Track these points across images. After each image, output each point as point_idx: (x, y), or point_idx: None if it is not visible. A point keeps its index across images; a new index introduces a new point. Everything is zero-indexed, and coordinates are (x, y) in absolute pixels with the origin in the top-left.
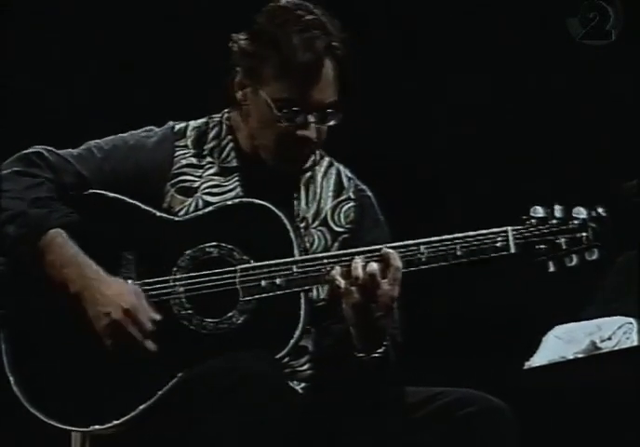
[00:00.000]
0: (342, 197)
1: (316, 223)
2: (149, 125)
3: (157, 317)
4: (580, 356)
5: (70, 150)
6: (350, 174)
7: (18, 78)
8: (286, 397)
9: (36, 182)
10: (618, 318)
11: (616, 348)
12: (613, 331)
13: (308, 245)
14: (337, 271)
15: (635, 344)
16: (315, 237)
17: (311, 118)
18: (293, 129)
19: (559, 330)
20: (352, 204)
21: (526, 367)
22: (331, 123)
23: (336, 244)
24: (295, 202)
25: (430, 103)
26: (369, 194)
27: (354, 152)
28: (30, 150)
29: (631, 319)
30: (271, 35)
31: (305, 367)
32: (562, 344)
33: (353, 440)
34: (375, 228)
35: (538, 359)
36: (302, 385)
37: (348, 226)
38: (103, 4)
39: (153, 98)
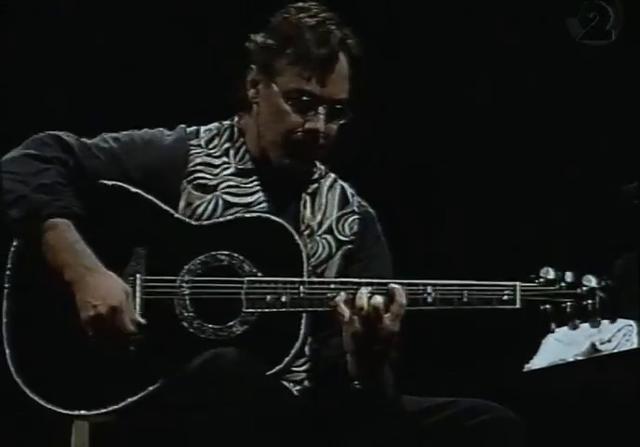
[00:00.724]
0: (347, 210)
1: (321, 230)
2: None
3: (142, 320)
4: (579, 358)
5: (84, 139)
6: (353, 191)
7: (17, 79)
8: (278, 394)
9: (44, 167)
10: (618, 320)
11: (616, 351)
12: (613, 334)
13: (311, 252)
14: (341, 298)
15: (635, 346)
16: (320, 244)
17: (321, 111)
18: (303, 122)
19: (559, 332)
20: (356, 217)
21: (525, 369)
22: (341, 121)
23: (339, 253)
24: (301, 209)
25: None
26: (372, 211)
27: (361, 172)
28: (45, 133)
29: (631, 322)
30: (287, 30)
31: (302, 369)
32: (562, 346)
33: None
34: (375, 245)
35: (537, 362)
36: (297, 388)
37: (352, 237)
38: (103, 4)
39: (156, 104)
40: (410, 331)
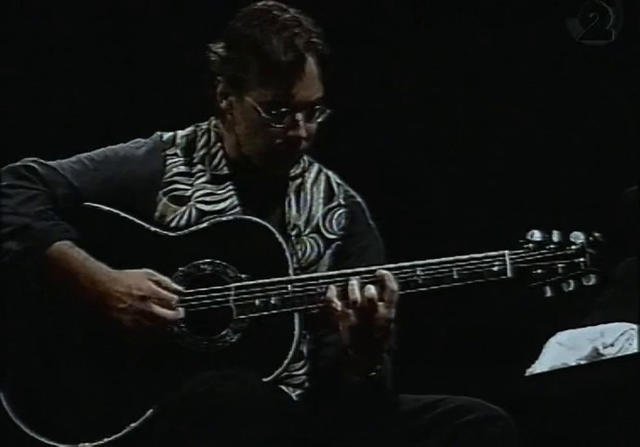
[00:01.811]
0: (333, 204)
1: (308, 230)
2: (133, 136)
3: (178, 287)
4: (582, 362)
5: (59, 161)
6: (339, 180)
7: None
8: (274, 420)
9: (30, 194)
10: (620, 324)
11: (619, 355)
12: (616, 338)
13: (300, 253)
14: (332, 292)
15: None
16: (308, 244)
17: (299, 117)
18: (284, 131)
19: (561, 336)
20: (343, 210)
21: (527, 374)
22: (319, 119)
23: (328, 251)
24: (286, 209)
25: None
26: (359, 200)
27: (344, 159)
28: (18, 163)
29: (633, 326)
30: (249, 40)
31: (302, 371)
32: (564, 350)
33: None
34: (367, 234)
35: (539, 366)
36: (298, 391)
37: (340, 233)
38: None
39: (137, 109)
40: (408, 336)
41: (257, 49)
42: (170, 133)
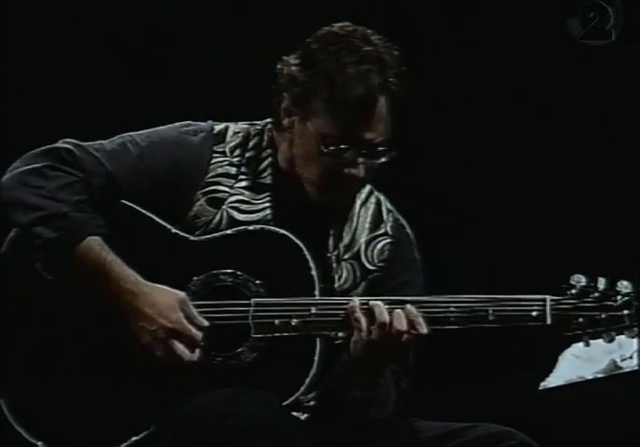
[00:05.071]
0: (379, 232)
1: (348, 255)
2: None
3: (205, 323)
4: (599, 376)
5: (102, 142)
6: (390, 206)
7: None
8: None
9: (70, 180)
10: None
11: (637, 368)
12: (635, 350)
13: (336, 278)
14: (356, 304)
15: None
16: (344, 270)
17: (360, 158)
18: (340, 167)
19: (577, 348)
20: (388, 240)
21: (541, 388)
22: (382, 160)
23: (364, 282)
24: (330, 231)
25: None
26: (408, 231)
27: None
28: (59, 144)
29: None
30: (323, 65)
31: (310, 396)
32: (580, 363)
33: None
34: (409, 269)
35: (554, 380)
36: (306, 415)
37: (380, 265)
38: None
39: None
40: (422, 352)
41: (328, 77)
42: (222, 126)
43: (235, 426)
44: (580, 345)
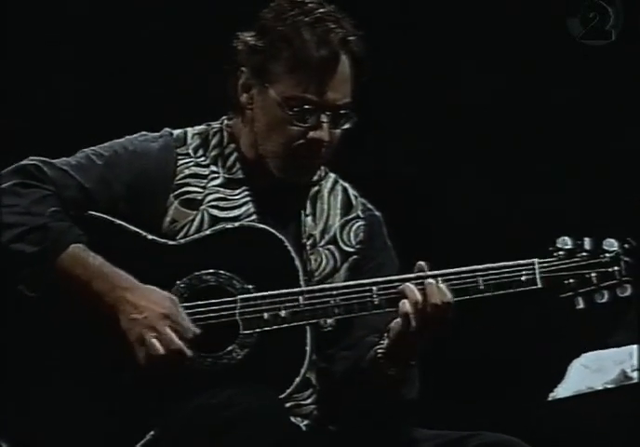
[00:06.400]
0: (351, 216)
1: (324, 241)
2: (138, 130)
3: (196, 330)
4: (609, 386)
5: (66, 159)
6: (356, 193)
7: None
8: (289, 435)
9: (43, 194)
10: None
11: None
12: None
13: (315, 265)
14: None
15: None
16: (323, 256)
17: (324, 118)
18: (305, 131)
19: (586, 358)
20: (361, 223)
21: (550, 398)
22: (345, 126)
23: (345, 265)
24: (303, 218)
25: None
26: (378, 214)
27: (358, 170)
28: (26, 162)
29: None
30: (281, 30)
31: (309, 400)
32: (589, 373)
33: None
34: (383, 252)
35: (563, 390)
36: (306, 422)
37: (358, 246)
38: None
39: (143, 104)
40: (429, 359)
41: (287, 40)
42: (180, 130)
43: (236, 426)
44: (590, 354)
